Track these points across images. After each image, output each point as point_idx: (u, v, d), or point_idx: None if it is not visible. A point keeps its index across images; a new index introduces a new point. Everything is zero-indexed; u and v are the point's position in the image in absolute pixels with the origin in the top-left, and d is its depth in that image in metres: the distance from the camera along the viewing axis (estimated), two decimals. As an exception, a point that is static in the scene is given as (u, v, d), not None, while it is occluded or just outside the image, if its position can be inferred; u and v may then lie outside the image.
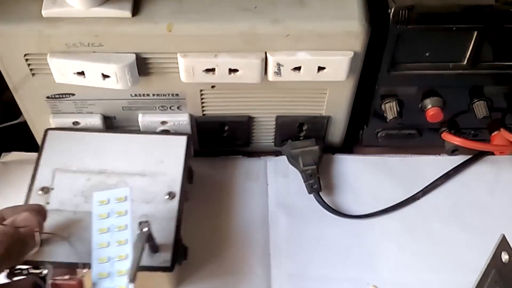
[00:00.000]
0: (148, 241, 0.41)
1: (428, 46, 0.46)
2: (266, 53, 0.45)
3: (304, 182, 0.53)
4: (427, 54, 0.47)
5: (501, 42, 0.46)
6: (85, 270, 0.39)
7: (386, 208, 0.53)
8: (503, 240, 0.36)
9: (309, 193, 0.53)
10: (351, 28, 0.43)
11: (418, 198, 0.54)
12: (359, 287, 0.48)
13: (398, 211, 0.53)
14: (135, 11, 0.43)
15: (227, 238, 0.51)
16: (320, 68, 0.45)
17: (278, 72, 0.45)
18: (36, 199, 0.46)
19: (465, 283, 0.48)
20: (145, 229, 0.39)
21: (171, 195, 0.46)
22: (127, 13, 0.43)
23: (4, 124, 0.55)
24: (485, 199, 0.54)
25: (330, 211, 0.52)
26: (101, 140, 0.49)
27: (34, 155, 0.55)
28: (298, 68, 0.45)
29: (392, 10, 0.43)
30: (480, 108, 0.51)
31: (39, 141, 0.55)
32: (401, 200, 0.54)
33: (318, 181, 0.53)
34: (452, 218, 0.53)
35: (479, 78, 0.49)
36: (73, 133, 0.50)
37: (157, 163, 0.48)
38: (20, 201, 0.45)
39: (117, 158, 0.48)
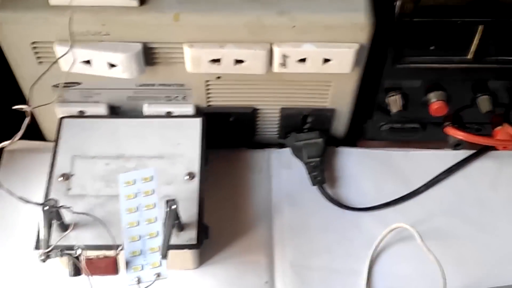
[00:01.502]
0: (175, 219, 0.42)
1: (433, 39, 0.46)
2: (271, 44, 0.45)
3: (308, 174, 0.53)
4: (432, 48, 0.47)
5: (507, 36, 0.46)
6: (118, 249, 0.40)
7: (389, 202, 0.53)
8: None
9: (313, 185, 0.53)
10: (357, 20, 0.44)
11: (421, 192, 0.54)
12: (360, 279, 0.48)
13: (401, 205, 0.54)
14: (143, 0, 0.44)
15: (231, 228, 0.51)
16: (326, 60, 0.45)
17: (283, 64, 0.46)
18: (57, 186, 0.46)
19: (467, 276, 0.49)
20: (174, 207, 0.40)
21: (190, 175, 0.47)
22: (134, 2, 0.43)
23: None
24: (488, 194, 0.54)
25: (333, 203, 0.53)
26: (116, 126, 0.50)
27: (39, 143, 0.56)
28: (304, 60, 0.45)
29: (399, 2, 0.43)
30: (484, 103, 0.51)
31: (43, 129, 0.55)
32: (404, 194, 0.54)
33: (322, 173, 0.53)
34: (455, 213, 0.53)
35: (483, 72, 0.49)
36: (88, 120, 0.51)
37: (174, 145, 0.49)
38: (28, 190, 0.45)
39: (133, 142, 0.49)
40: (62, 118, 0.51)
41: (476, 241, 0.51)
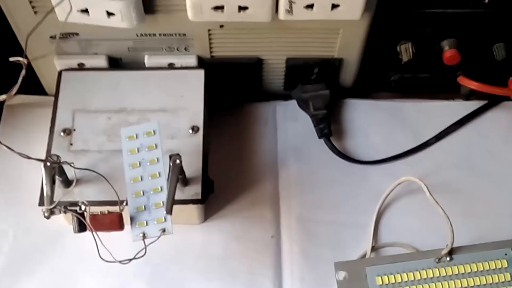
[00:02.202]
0: (179, 174, 0.41)
1: (448, -18, 0.44)
2: (277, -11, 0.43)
3: (314, 126, 0.52)
4: (446, -8, 0.45)
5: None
6: (122, 205, 0.39)
7: (398, 154, 0.52)
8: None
9: (319, 137, 0.52)
10: (368, -38, 0.41)
11: (431, 145, 0.53)
12: (367, 232, 0.48)
13: (410, 157, 0.53)
14: None
15: (236, 182, 0.50)
16: (334, 6, 0.43)
17: (289, 10, 0.44)
18: (59, 141, 0.46)
19: (475, 229, 0.48)
20: (178, 161, 0.40)
21: (194, 129, 0.46)
22: None
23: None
24: (499, 146, 0.53)
25: (340, 156, 0.52)
26: (117, 79, 0.49)
27: (40, 98, 0.55)
28: (311, 6, 0.43)
29: None
30: (499, 50, 0.49)
31: (44, 83, 0.54)
32: (413, 146, 0.53)
33: (329, 126, 0.52)
34: (465, 165, 0.52)
35: (500, 18, 0.47)
36: (88, 72, 0.49)
37: (177, 98, 0.48)
38: (31, 145, 0.44)
39: (135, 95, 0.48)
40: (61, 71, 0.50)
41: (486, 195, 0.51)
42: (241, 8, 0.43)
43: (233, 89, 0.54)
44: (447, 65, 0.50)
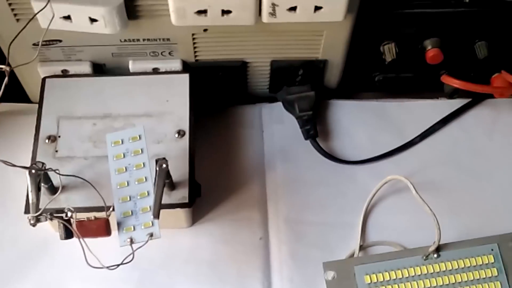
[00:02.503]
0: (165, 178, 0.41)
1: (429, -17, 0.45)
2: (260, -8, 0.43)
3: (300, 128, 0.52)
4: (428, -8, 0.45)
5: (504, -22, 0.44)
6: (109, 211, 0.39)
7: (384, 154, 0.52)
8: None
9: (306, 139, 0.52)
10: (349, -36, 0.42)
11: (416, 143, 0.54)
12: (355, 231, 0.48)
13: (396, 157, 0.53)
14: (121, -52, 0.41)
15: (224, 185, 0.50)
16: (317, 8, 0.43)
17: (273, 13, 0.44)
18: (44, 148, 0.45)
19: (462, 225, 0.49)
20: (164, 166, 0.39)
21: (180, 133, 0.46)
22: (113, -49, 0.41)
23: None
24: (484, 143, 0.54)
25: (326, 157, 0.52)
26: (101, 85, 0.49)
27: (24, 105, 0.54)
28: (294, 8, 0.43)
29: None
30: (481, 49, 0.49)
31: (27, 90, 0.54)
32: (399, 145, 0.53)
33: (314, 127, 0.52)
34: (450, 163, 0.53)
35: (481, 17, 0.48)
36: (72, 79, 0.49)
37: (162, 102, 0.48)
38: (15, 152, 0.44)
39: (120, 101, 0.48)
40: (45, 78, 0.49)
41: (471, 191, 0.51)
42: (225, 12, 0.43)
43: (219, 92, 0.54)
44: (430, 64, 0.50)
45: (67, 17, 0.43)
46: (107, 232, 0.39)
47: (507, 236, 0.46)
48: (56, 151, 0.45)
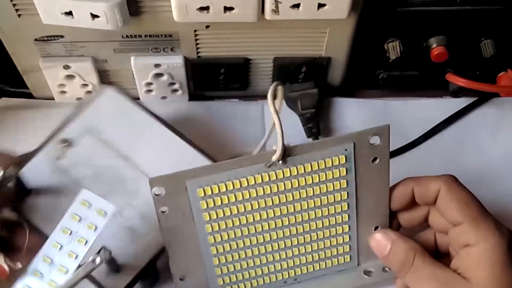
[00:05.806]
0: (109, 264, 0.39)
1: (435, -20, 0.44)
2: (263, -11, 0.42)
3: (303, 125, 0.52)
4: (433, -11, 0.45)
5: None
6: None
7: (387, 153, 0.52)
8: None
9: (308, 137, 0.52)
10: (353, -39, 0.41)
11: (420, 143, 0.53)
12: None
13: (399, 156, 0.52)
14: None
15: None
16: (320, 5, 0.43)
17: (275, 10, 0.43)
18: (54, 147, 0.44)
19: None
20: (98, 261, 0.36)
21: None
22: None
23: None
24: (488, 143, 0.53)
25: (329, 156, 0.51)
26: (149, 127, 0.45)
27: (25, 101, 0.54)
28: (297, 5, 0.43)
29: None
30: (487, 47, 0.49)
31: (29, 86, 0.53)
32: (402, 145, 0.52)
33: (317, 125, 0.52)
34: (454, 163, 0.52)
35: (487, 15, 0.47)
36: (130, 103, 0.47)
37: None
38: (14, 148, 0.43)
39: (151, 154, 0.44)
40: (105, 86, 0.47)
41: (476, 192, 0.50)
42: (227, 9, 0.43)
43: (221, 88, 0.54)
44: (435, 62, 0.50)
45: (69, 13, 0.43)
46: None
47: (368, 131, 0.40)
48: (58, 158, 0.44)
